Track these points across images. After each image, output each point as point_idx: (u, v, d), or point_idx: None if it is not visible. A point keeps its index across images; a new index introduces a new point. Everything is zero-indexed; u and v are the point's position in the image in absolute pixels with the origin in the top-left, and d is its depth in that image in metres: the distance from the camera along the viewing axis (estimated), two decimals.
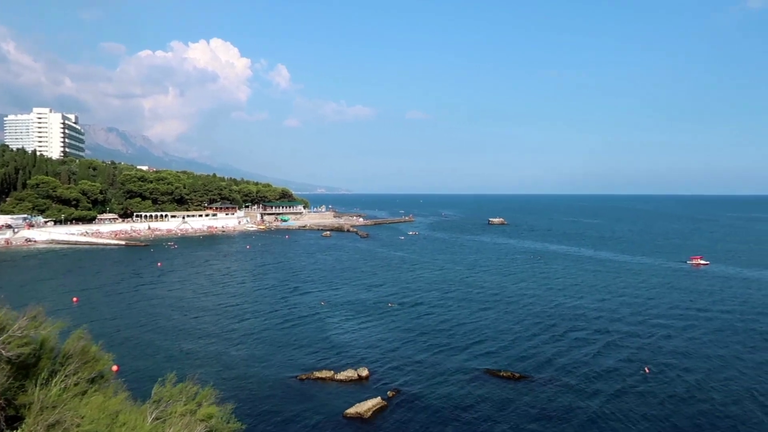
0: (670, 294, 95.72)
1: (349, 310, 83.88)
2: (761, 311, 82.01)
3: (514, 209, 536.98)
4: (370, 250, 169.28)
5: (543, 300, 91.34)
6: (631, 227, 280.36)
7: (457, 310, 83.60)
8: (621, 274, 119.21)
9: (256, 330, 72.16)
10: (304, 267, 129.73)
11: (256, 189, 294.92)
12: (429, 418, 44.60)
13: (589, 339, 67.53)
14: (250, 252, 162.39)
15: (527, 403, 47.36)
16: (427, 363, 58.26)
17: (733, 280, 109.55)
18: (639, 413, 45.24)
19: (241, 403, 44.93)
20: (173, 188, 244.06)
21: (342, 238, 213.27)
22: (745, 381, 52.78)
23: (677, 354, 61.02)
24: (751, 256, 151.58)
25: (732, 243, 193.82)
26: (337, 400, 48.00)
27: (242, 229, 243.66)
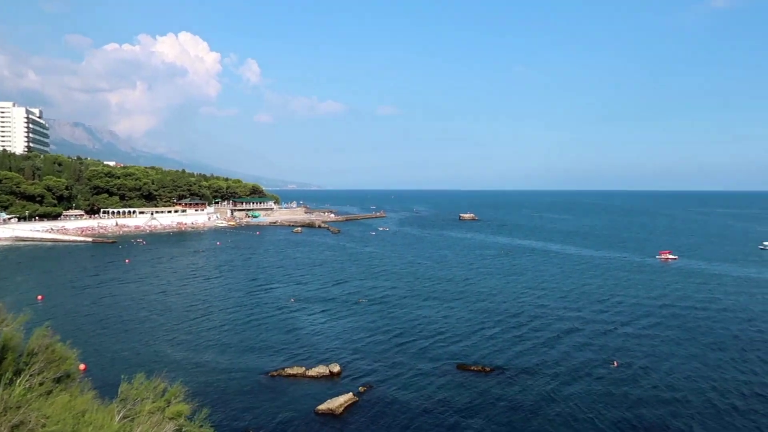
0: (639, 289, 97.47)
1: (320, 306, 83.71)
2: (728, 306, 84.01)
3: (485, 205, 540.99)
4: (342, 245, 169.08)
5: (513, 295, 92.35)
6: (598, 222, 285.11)
7: (427, 306, 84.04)
8: (591, 270, 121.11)
9: (226, 326, 71.60)
10: (275, 263, 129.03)
11: (226, 185, 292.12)
12: (401, 412, 44.83)
13: (559, 333, 68.53)
14: (220, 248, 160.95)
15: (498, 397, 47.92)
16: (398, 358, 58.50)
17: (700, 275, 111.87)
18: (608, 406, 46.13)
19: (211, 401, 44.60)
20: (141, 184, 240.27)
21: (313, 234, 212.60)
22: (711, 375, 54.15)
23: (646, 348, 62.24)
24: (716, 251, 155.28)
25: (696, 237, 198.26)
26: (308, 396, 47.93)
27: (212, 225, 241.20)
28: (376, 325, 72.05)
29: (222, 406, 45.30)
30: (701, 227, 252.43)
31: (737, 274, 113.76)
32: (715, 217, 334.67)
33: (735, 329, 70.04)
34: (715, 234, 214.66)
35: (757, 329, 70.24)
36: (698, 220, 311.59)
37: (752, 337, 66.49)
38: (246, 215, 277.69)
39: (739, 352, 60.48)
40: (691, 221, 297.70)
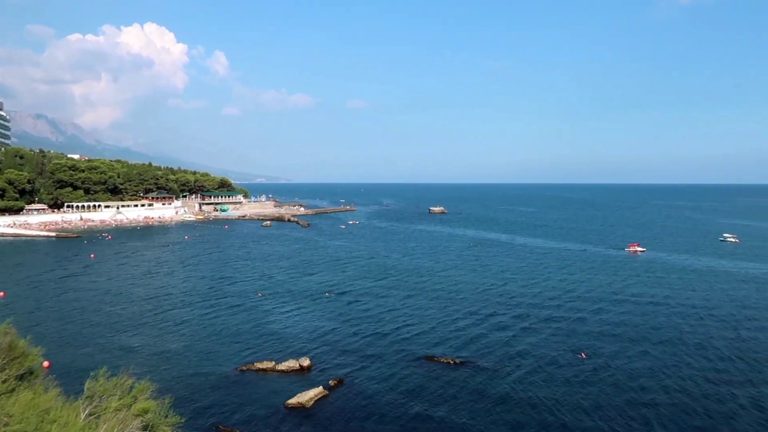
0: (608, 281, 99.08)
1: (288, 299, 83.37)
2: (695, 298, 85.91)
3: (455, 198, 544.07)
4: (311, 239, 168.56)
5: (481, 287, 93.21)
6: (563, 215, 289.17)
7: (395, 298, 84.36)
8: (560, 262, 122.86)
9: (193, 321, 70.88)
10: (243, 257, 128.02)
11: (194, 178, 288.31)
12: (371, 405, 45.03)
13: (528, 324, 69.45)
14: (188, 242, 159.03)
15: (467, 389, 48.42)
16: (368, 351, 58.68)
17: (667, 267, 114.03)
18: (575, 397, 46.97)
19: (178, 397, 44.14)
20: (107, 177, 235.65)
21: (283, 227, 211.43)
22: (679, 366, 55.40)
23: (615, 340, 63.29)
24: (680, 243, 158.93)
25: (660, 230, 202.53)
26: (278, 390, 47.80)
27: (180, 219, 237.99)
28: (345, 319, 72.09)
29: (190, 402, 44.90)
30: (664, 219, 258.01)
31: (700, 266, 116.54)
32: (677, 210, 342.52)
33: (699, 321, 71.75)
34: (677, 226, 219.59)
35: (718, 320, 72.07)
36: (661, 212, 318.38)
37: (714, 328, 68.22)
38: (214, 209, 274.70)
39: (702, 343, 61.99)
40: (653, 213, 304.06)
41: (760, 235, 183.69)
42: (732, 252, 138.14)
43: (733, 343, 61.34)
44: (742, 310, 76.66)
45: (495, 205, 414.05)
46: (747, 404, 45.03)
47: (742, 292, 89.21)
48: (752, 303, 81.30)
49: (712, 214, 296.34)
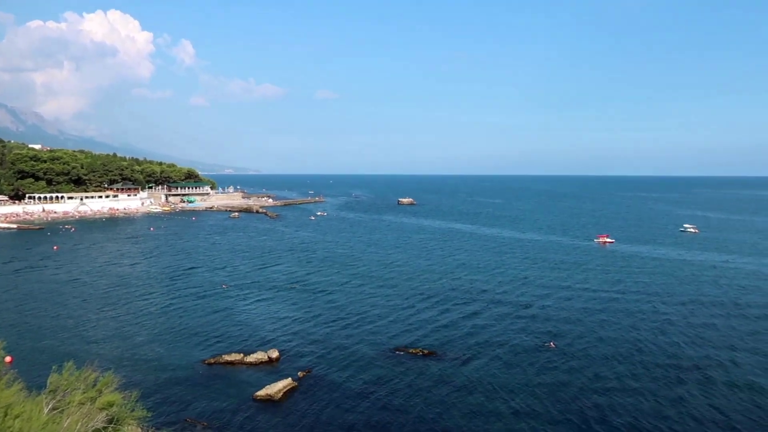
0: (577, 272, 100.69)
1: (255, 291, 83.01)
2: (663, 289, 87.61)
3: (424, 190, 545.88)
4: (279, 230, 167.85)
5: (450, 278, 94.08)
6: (529, 206, 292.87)
7: (364, 290, 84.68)
8: (530, 253, 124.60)
9: (159, 314, 70.13)
10: (210, 249, 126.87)
11: (160, 169, 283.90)
12: (340, 396, 45.24)
13: (497, 315, 70.37)
14: (154, 234, 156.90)
15: (436, 379, 48.95)
16: (337, 342, 58.88)
17: (637, 258, 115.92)
18: (544, 386, 47.86)
19: (145, 390, 43.73)
20: (70, 168, 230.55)
21: (251, 219, 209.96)
22: (645, 356, 56.72)
23: (584, 330, 64.41)
24: (643, 234, 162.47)
25: (624, 221, 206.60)
26: (246, 383, 47.69)
27: (146, 210, 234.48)
28: (313, 310, 72.12)
29: (157, 395, 44.56)
30: (628, 211, 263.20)
31: (663, 256, 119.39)
32: (641, 201, 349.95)
33: (664, 310, 73.49)
34: (640, 217, 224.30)
35: (683, 309, 73.98)
36: (624, 204, 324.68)
37: (678, 316, 70.06)
38: (181, 200, 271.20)
39: (667, 332, 63.67)
40: (617, 205, 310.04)
41: (718, 225, 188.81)
42: (691, 242, 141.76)
43: (689, 330, 63.09)
44: (699, 298, 78.82)
45: (464, 196, 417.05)
46: (695, 388, 46.56)
47: (700, 280, 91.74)
48: (709, 291, 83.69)
49: (673, 206, 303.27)
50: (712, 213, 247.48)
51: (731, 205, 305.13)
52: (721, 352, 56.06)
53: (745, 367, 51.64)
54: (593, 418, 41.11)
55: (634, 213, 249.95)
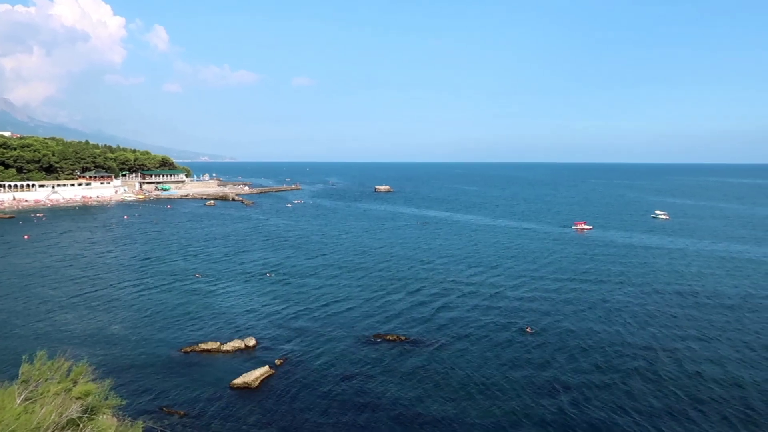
0: (555, 259, 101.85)
1: (230, 280, 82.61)
2: (639, 275, 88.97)
3: (401, 177, 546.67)
4: (255, 218, 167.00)
5: (428, 265, 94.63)
6: (507, 193, 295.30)
7: (341, 277, 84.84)
8: (508, 240, 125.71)
9: (133, 303, 69.50)
10: (184, 237, 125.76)
11: (133, 157, 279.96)
12: (318, 382, 45.41)
13: (474, 301, 71.00)
14: (128, 222, 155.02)
15: (412, 365, 49.34)
16: (314, 330, 58.96)
17: (614, 245, 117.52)
18: (520, 370, 48.59)
19: (120, 379, 43.57)
20: (41, 156, 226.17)
21: (227, 207, 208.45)
22: (620, 340, 57.81)
23: (560, 315, 65.41)
24: (616, 220, 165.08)
25: (598, 207, 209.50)
26: (223, 371, 47.61)
27: (119, 198, 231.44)
28: (289, 298, 72.09)
29: (132, 384, 44.30)
30: (601, 198, 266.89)
31: (636, 242, 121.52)
32: (614, 188, 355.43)
33: (636, 295, 74.97)
34: (613, 204, 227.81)
35: (654, 295, 75.54)
36: (597, 190, 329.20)
37: (648, 301, 71.52)
38: (156, 188, 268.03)
39: (641, 317, 64.97)
40: (590, 192, 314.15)
41: (688, 212, 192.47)
42: (663, 229, 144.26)
43: (661, 316, 64.42)
44: (670, 284, 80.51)
45: (440, 183, 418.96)
46: (666, 370, 47.71)
47: (672, 267, 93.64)
48: (679, 278, 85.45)
49: (645, 192, 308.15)
50: (681, 200, 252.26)
51: (699, 192, 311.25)
52: (691, 338, 57.46)
53: (709, 352, 53.02)
54: (568, 402, 41.89)
55: (607, 200, 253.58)
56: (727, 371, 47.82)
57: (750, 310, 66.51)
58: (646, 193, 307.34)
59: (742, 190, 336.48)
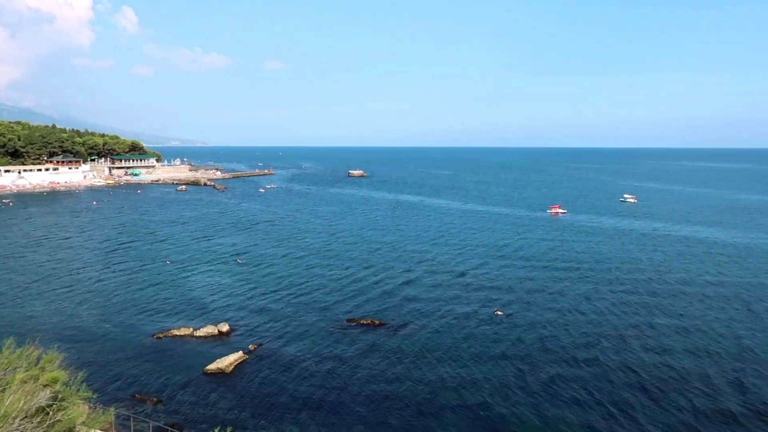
0: (528, 242, 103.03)
1: (201, 265, 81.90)
2: (612, 260, 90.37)
3: (375, 161, 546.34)
4: (227, 203, 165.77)
5: (400, 249, 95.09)
6: (481, 178, 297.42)
7: (313, 261, 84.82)
8: (484, 224, 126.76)
9: (103, 289, 68.56)
10: (155, 222, 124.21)
11: (102, 141, 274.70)
12: (292, 367, 45.54)
13: (445, 285, 71.64)
14: (97, 208, 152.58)
15: (386, 349, 49.76)
16: (288, 315, 59.01)
17: (588, 229, 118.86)
18: (489, 352, 49.31)
19: (91, 366, 43.23)
20: (6, 140, 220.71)
21: (199, 192, 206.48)
22: (590, 323, 58.98)
23: (530, 298, 66.38)
24: (588, 204, 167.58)
25: (569, 191, 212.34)
26: (196, 356, 47.44)
27: (88, 184, 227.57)
28: (263, 283, 71.90)
29: (104, 372, 43.92)
30: (571, 182, 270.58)
31: (605, 226, 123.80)
32: (585, 172, 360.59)
33: (606, 278, 76.49)
34: (584, 188, 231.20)
35: (623, 278, 77.22)
36: (568, 174, 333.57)
37: (617, 286, 73.09)
38: (126, 173, 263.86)
39: (609, 300, 66.39)
40: (561, 176, 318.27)
41: (656, 195, 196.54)
42: (631, 212, 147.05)
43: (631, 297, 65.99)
44: (640, 267, 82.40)
45: (414, 168, 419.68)
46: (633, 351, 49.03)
47: (641, 250, 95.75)
48: (649, 261, 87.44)
49: (614, 176, 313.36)
50: (649, 183, 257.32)
51: (666, 176, 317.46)
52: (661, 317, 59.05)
53: (666, 330, 54.57)
54: (536, 384, 42.76)
55: (578, 184, 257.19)
56: (681, 354, 49.29)
57: (705, 293, 68.66)
58: (616, 176, 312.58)
59: (706, 174, 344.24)
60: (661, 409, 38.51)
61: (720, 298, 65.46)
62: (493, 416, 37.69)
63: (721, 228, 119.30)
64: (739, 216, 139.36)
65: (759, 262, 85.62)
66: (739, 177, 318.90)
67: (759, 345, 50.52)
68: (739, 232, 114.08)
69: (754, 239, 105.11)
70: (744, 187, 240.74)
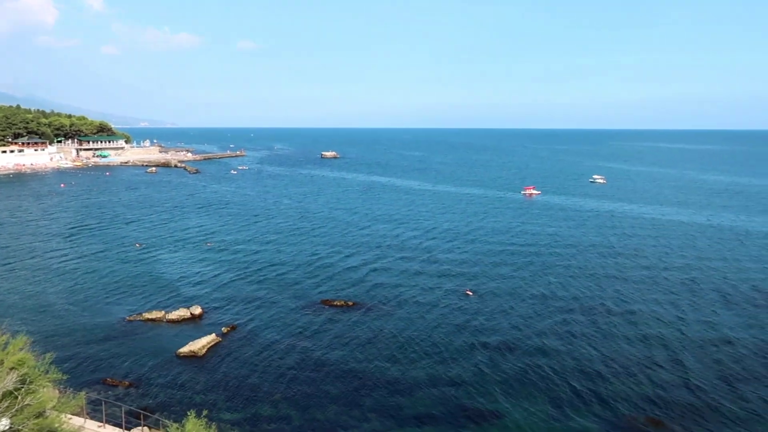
0: (502, 223, 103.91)
1: (174, 248, 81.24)
2: (582, 242, 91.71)
3: (348, 143, 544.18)
4: (199, 185, 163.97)
5: (372, 230, 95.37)
6: (453, 158, 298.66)
7: (287, 243, 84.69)
8: (457, 205, 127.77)
9: (72, 273, 67.46)
10: (125, 205, 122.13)
11: (69, 122, 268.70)
12: (266, 349, 45.64)
13: (417, 266, 72.19)
14: (65, 191, 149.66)
15: (359, 330, 50.10)
16: (261, 297, 58.96)
17: (559, 210, 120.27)
18: (459, 331, 50.03)
19: (61, 351, 42.69)
20: None
21: (169, 173, 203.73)
22: (560, 302, 60.10)
23: (500, 278, 67.26)
24: (563, 185, 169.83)
25: (543, 173, 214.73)
26: (169, 339, 47.20)
27: (55, 166, 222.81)
28: (235, 266, 71.53)
29: (74, 356, 43.40)
30: (541, 163, 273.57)
31: (575, 206, 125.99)
32: (552, 153, 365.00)
33: (576, 259, 77.83)
34: (553, 169, 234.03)
35: (594, 259, 78.87)
36: (537, 156, 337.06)
37: (589, 265, 74.65)
38: (94, 155, 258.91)
39: (579, 278, 67.74)
40: (530, 157, 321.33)
41: (625, 175, 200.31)
42: (600, 192, 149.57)
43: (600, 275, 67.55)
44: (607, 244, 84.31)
45: (387, 149, 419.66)
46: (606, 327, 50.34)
47: (609, 229, 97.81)
48: (615, 239, 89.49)
49: (583, 157, 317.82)
50: (617, 164, 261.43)
51: (633, 157, 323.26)
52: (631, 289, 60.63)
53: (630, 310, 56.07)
54: (506, 361, 43.56)
55: (548, 164, 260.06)
56: (642, 328, 50.79)
57: (666, 269, 70.65)
58: (584, 158, 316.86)
59: (673, 155, 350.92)
60: (632, 384, 39.69)
61: (674, 281, 67.35)
62: (463, 395, 38.35)
63: (681, 207, 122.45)
64: (698, 196, 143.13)
65: (711, 240, 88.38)
66: (701, 158, 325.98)
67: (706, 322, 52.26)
68: (696, 211, 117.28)
69: (710, 218, 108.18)
70: (706, 168, 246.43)
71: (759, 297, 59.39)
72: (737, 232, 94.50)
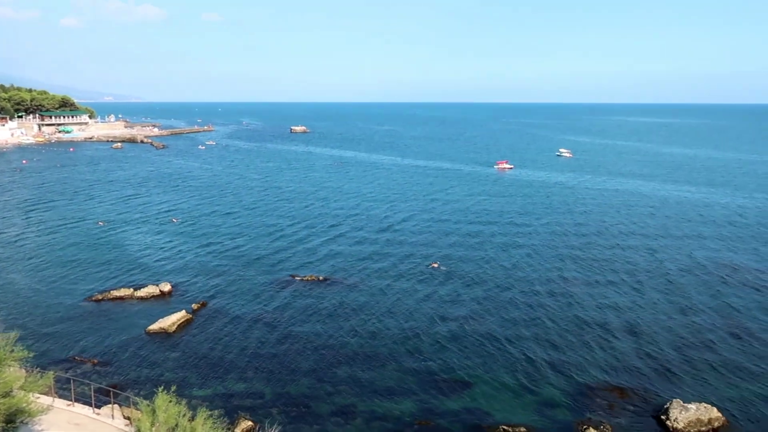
0: (472, 198, 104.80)
1: (138, 226, 79.97)
2: (550, 213, 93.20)
3: (317, 118, 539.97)
4: (166, 161, 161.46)
5: (340, 204, 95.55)
6: (424, 132, 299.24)
7: (256, 218, 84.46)
8: (429, 180, 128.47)
9: (35, 251, 66.34)
10: (90, 181, 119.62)
11: (30, 97, 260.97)
12: (236, 324, 45.82)
13: (386, 239, 72.90)
14: (27, 167, 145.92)
15: (330, 303, 50.55)
16: (231, 273, 58.89)
17: (527, 184, 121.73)
18: (425, 301, 50.92)
19: (27, 330, 42.43)
20: None
21: (135, 149, 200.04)
22: (525, 274, 61.38)
23: (466, 251, 68.26)
24: (530, 159, 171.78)
25: (512, 146, 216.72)
26: (138, 317, 46.98)
27: (16, 142, 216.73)
28: (203, 242, 71.11)
29: (40, 336, 42.96)
30: (509, 137, 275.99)
31: (541, 179, 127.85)
32: (520, 127, 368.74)
33: (539, 233, 79.29)
34: (521, 143, 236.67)
35: (557, 232, 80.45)
36: (506, 130, 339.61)
37: (554, 238, 76.16)
38: (57, 130, 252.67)
39: (542, 252, 69.12)
40: (500, 131, 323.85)
41: (591, 149, 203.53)
42: (566, 166, 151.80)
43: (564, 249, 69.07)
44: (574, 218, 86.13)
45: (358, 123, 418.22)
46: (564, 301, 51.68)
47: (576, 202, 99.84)
48: (583, 213, 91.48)
49: (550, 131, 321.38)
50: (584, 138, 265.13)
51: (601, 131, 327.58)
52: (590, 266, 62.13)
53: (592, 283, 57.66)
54: (472, 333, 44.54)
55: (515, 138, 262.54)
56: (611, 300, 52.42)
57: (626, 241, 72.63)
58: (551, 131, 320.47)
59: (638, 128, 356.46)
60: (594, 355, 41.01)
61: (634, 253, 69.24)
62: (432, 366, 39.16)
63: (644, 179, 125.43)
64: (659, 169, 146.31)
65: (671, 210, 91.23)
66: (663, 131, 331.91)
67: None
68: (658, 184, 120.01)
69: (671, 191, 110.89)
70: (668, 141, 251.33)
71: (713, 267, 61.45)
72: (697, 204, 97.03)
